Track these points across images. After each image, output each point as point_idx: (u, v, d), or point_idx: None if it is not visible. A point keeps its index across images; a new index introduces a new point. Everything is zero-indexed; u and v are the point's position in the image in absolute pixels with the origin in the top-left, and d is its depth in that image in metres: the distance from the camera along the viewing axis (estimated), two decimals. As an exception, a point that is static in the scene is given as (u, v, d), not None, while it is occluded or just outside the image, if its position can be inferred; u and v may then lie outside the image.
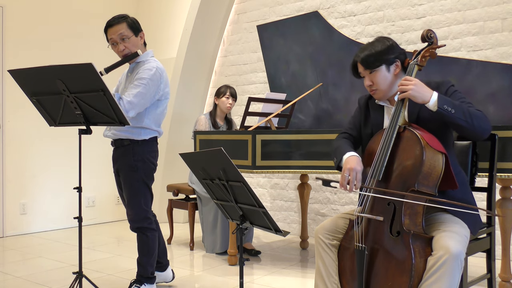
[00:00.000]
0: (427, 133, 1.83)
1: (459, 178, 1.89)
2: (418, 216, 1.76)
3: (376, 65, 1.97)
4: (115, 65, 2.56)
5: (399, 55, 2.01)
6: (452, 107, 1.79)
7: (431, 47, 1.98)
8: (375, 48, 1.98)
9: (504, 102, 2.94)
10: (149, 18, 5.55)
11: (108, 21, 2.62)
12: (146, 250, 2.70)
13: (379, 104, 2.09)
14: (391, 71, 1.99)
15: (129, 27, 2.60)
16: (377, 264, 1.77)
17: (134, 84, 2.53)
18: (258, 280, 3.12)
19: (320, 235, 1.96)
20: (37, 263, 3.59)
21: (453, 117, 1.79)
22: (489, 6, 3.67)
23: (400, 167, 1.82)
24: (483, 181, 2.42)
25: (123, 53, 2.61)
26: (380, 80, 1.98)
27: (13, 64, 3.18)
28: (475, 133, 1.84)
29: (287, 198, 4.78)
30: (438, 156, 1.78)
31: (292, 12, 4.71)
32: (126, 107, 2.45)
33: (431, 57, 1.98)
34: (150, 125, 2.65)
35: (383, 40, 2.02)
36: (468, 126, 1.80)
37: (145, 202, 2.68)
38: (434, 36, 1.98)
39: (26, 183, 4.66)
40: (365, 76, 2.02)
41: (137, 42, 2.64)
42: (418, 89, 1.81)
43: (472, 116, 1.80)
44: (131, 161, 2.64)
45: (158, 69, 2.59)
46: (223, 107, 4.01)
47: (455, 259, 1.62)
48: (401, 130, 1.86)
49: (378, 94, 2.02)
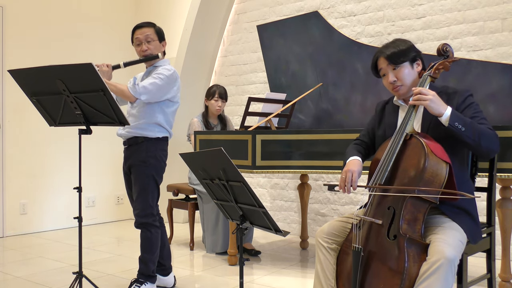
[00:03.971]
0: (433, 141, 1.85)
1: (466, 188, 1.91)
2: (417, 223, 1.77)
3: (401, 60, 2.00)
4: (134, 61, 2.71)
5: (419, 54, 2.06)
6: (463, 124, 1.82)
7: (446, 60, 2.03)
8: (399, 46, 2.02)
9: (504, 102, 2.94)
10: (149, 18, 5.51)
11: (138, 24, 2.80)
12: (148, 246, 2.72)
13: (395, 105, 2.12)
14: (414, 69, 2.03)
15: (156, 32, 2.78)
16: (372, 266, 1.78)
17: (152, 77, 2.68)
18: (258, 280, 3.12)
19: (319, 238, 1.98)
20: (37, 263, 3.59)
21: (462, 135, 1.82)
22: (489, 6, 3.67)
23: (402, 173, 1.84)
24: (483, 181, 2.42)
25: (145, 53, 2.74)
26: (405, 75, 2.01)
27: (13, 64, 3.18)
28: (481, 152, 1.89)
29: (287, 198, 4.78)
30: (441, 164, 1.79)
31: (292, 12, 4.71)
32: (140, 90, 2.60)
33: (445, 70, 2.02)
34: (163, 123, 2.76)
35: (404, 40, 2.08)
36: (475, 145, 1.84)
37: (152, 198, 2.74)
38: (449, 50, 2.04)
39: (26, 183, 4.66)
40: (388, 72, 2.03)
41: (159, 47, 2.79)
42: (434, 102, 1.84)
43: (481, 136, 1.83)
44: (144, 156, 2.71)
45: (175, 72, 2.75)
46: (212, 109, 4.01)
47: (449, 264, 1.63)
48: (407, 137, 1.88)
49: (402, 90, 2.03)
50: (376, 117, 2.21)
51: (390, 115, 2.13)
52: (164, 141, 2.81)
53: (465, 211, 1.91)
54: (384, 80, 2.07)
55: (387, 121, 2.12)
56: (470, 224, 1.89)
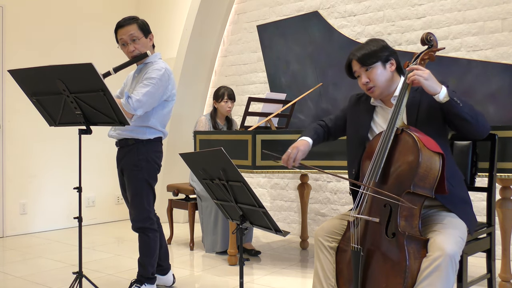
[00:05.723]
0: (424, 135, 1.84)
1: (455, 179, 1.92)
2: (414, 218, 1.76)
3: (372, 61, 1.99)
4: (124, 65, 2.59)
5: (393, 54, 2.04)
6: (460, 100, 1.82)
7: (431, 50, 1.99)
8: (370, 48, 2.01)
9: (504, 102, 2.94)
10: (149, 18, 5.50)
11: (119, 22, 2.64)
12: (147, 250, 2.70)
13: (371, 105, 2.10)
14: (387, 68, 2.01)
15: (139, 29, 2.63)
16: (373, 266, 1.77)
17: (143, 83, 2.54)
18: (258, 280, 3.12)
19: (319, 237, 1.98)
20: (37, 263, 3.59)
21: (461, 111, 1.81)
22: (489, 6, 3.67)
23: (397, 169, 1.82)
24: (483, 181, 2.42)
25: (132, 54, 2.63)
26: (377, 76, 1.99)
27: (13, 64, 3.18)
28: (478, 130, 1.87)
29: (287, 198, 4.78)
30: (435, 158, 1.78)
31: (292, 12, 4.71)
32: (135, 105, 2.47)
33: (430, 60, 1.99)
34: (156, 125, 2.66)
35: (377, 40, 2.06)
36: (473, 121, 1.83)
37: (147, 202, 2.68)
38: (433, 39, 1.99)
39: (26, 183, 4.66)
40: (361, 74, 2.03)
41: (146, 43, 2.66)
42: (431, 79, 1.83)
43: (476, 113, 1.84)
44: (135, 160, 2.64)
45: (167, 70, 2.61)
46: (222, 111, 4.02)
47: (450, 260, 1.63)
48: (398, 132, 1.86)
49: (375, 92, 2.02)
50: (348, 110, 2.21)
51: (363, 115, 2.12)
52: (157, 142, 2.72)
53: (462, 200, 1.91)
54: (359, 82, 2.06)
55: (361, 120, 2.12)
56: (468, 213, 1.90)
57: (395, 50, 2.07)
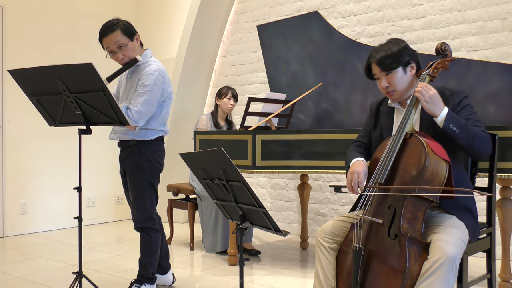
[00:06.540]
0: (433, 140, 1.85)
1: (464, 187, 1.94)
2: (417, 222, 1.77)
3: (393, 66, 1.98)
4: (116, 73, 2.56)
5: (413, 56, 2.03)
6: (457, 126, 1.83)
7: (445, 59, 2.01)
8: (390, 50, 1.99)
9: (504, 102, 2.94)
10: (149, 18, 5.56)
11: (101, 30, 2.54)
12: (148, 250, 2.70)
13: (390, 107, 2.11)
14: (408, 72, 2.01)
15: (124, 34, 2.53)
16: (373, 266, 1.78)
17: (139, 92, 2.51)
18: (258, 280, 3.12)
19: (319, 238, 1.98)
20: (37, 263, 3.59)
21: (456, 137, 1.84)
22: (489, 6, 3.67)
23: (402, 172, 1.84)
24: (483, 181, 2.42)
25: (122, 61, 2.58)
26: (397, 81, 1.99)
27: (13, 64, 3.18)
28: (474, 155, 1.95)
29: (287, 198, 4.78)
30: (441, 163, 1.79)
31: (292, 12, 4.71)
32: (135, 117, 2.46)
33: (443, 69, 2.01)
34: (156, 126, 2.67)
35: (397, 42, 2.03)
36: (468, 147, 1.86)
37: (150, 202, 2.69)
38: (448, 49, 2.02)
39: (26, 183, 4.66)
40: (381, 77, 2.02)
41: (134, 46, 2.59)
42: (433, 100, 1.85)
43: (474, 138, 1.85)
44: (137, 160, 2.64)
45: (159, 72, 2.58)
46: (224, 108, 4.03)
47: (450, 263, 1.63)
48: (407, 136, 1.88)
49: (395, 95, 2.03)
50: (372, 117, 2.20)
51: (385, 117, 2.13)
52: (159, 141, 2.71)
53: (465, 209, 1.91)
54: (378, 84, 2.06)
55: (383, 123, 2.12)
56: (471, 220, 1.90)
57: (415, 51, 2.05)
